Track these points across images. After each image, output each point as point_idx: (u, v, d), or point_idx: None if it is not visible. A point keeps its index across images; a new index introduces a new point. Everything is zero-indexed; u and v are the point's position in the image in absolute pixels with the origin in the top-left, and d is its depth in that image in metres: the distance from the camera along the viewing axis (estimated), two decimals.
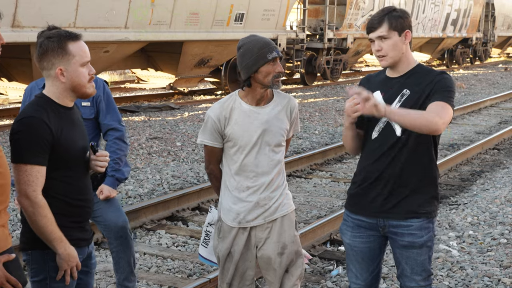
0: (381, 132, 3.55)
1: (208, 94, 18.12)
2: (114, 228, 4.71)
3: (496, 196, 8.08)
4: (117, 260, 4.81)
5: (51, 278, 3.15)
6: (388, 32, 3.46)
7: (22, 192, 3.02)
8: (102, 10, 12.53)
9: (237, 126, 3.74)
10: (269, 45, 3.70)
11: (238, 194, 3.80)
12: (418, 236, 3.56)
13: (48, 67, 3.12)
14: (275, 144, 3.78)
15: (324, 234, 6.79)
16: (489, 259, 5.98)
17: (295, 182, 9.31)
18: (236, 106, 3.77)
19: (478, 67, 31.03)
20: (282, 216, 3.85)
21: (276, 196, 3.83)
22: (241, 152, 3.76)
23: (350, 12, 20.57)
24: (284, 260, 3.82)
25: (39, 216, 3.02)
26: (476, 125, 14.71)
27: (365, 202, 3.63)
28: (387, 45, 3.47)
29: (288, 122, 3.84)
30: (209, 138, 3.80)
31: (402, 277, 3.67)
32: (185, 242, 6.66)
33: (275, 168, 3.81)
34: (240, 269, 3.85)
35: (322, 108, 15.36)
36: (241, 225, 3.81)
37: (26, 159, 3.01)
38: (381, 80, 3.63)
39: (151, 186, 8.44)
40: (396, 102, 3.52)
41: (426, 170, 3.57)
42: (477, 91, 20.97)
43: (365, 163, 3.63)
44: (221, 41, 15.69)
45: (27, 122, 3.04)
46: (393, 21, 3.46)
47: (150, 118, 13.16)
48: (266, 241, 3.82)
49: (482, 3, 30.62)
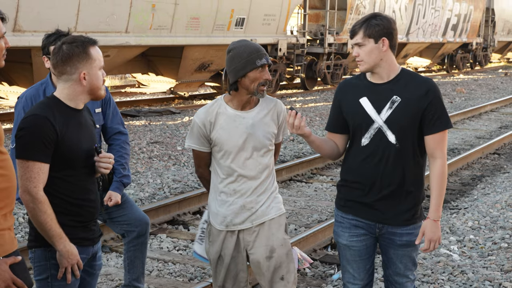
0: (373, 139, 3.61)
1: (209, 99, 18.13)
2: (138, 226, 4.76)
3: (496, 200, 8.08)
4: (132, 259, 4.83)
5: (53, 276, 3.19)
6: (363, 40, 3.56)
7: (23, 187, 3.09)
8: (103, 15, 12.56)
9: (223, 131, 3.76)
10: (259, 51, 3.71)
11: (225, 198, 3.81)
12: (414, 234, 3.68)
13: (72, 72, 3.19)
14: (262, 148, 3.78)
15: (325, 238, 6.79)
16: (490, 263, 5.98)
17: (296, 186, 9.31)
18: (222, 111, 3.78)
19: (478, 72, 31.05)
20: (270, 220, 3.83)
21: (263, 200, 3.81)
22: (227, 156, 3.77)
23: (351, 17, 20.60)
24: (272, 263, 3.79)
25: (39, 211, 3.09)
26: (476, 130, 14.72)
27: (364, 206, 3.69)
28: (363, 51, 3.57)
29: (275, 126, 3.83)
30: (196, 143, 3.83)
31: (394, 276, 3.77)
32: (186, 246, 6.66)
33: (263, 172, 3.80)
34: (232, 272, 3.86)
35: (323, 112, 15.38)
36: (228, 228, 3.82)
37: (29, 155, 3.08)
38: (365, 86, 3.67)
39: (152, 190, 8.44)
40: (387, 109, 3.58)
41: (418, 175, 3.67)
42: (477, 96, 20.99)
43: (360, 169, 3.66)
44: (221, 46, 15.69)
45: (31, 120, 3.11)
46: (369, 29, 3.54)
47: (150, 123, 13.18)
48: (254, 244, 3.81)
49: (482, 8, 30.65)
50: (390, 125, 3.56)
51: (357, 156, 3.66)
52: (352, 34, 3.59)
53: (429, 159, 3.62)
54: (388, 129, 3.56)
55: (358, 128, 3.63)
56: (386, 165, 3.59)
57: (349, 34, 3.64)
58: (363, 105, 3.61)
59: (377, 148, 3.59)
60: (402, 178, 3.61)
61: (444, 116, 3.59)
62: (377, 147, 3.59)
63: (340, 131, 3.75)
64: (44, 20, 11.24)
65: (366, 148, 3.62)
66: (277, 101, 3.89)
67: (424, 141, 3.61)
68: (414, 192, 3.65)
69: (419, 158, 3.65)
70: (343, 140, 3.76)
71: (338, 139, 3.76)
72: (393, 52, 3.61)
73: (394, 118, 3.55)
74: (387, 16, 3.61)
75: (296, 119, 3.53)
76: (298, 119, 3.53)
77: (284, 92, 20.06)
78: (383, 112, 3.57)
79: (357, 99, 3.63)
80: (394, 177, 3.60)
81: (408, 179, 3.62)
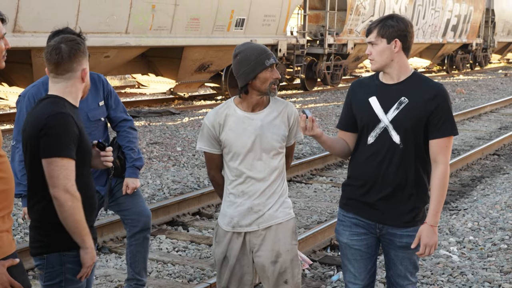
0: (378, 138, 3.63)
1: (208, 99, 18.14)
2: (141, 220, 4.81)
3: (496, 201, 8.08)
4: (134, 253, 4.89)
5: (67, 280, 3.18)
6: (376, 39, 3.60)
7: (61, 186, 3.04)
8: (103, 15, 12.56)
9: (231, 132, 3.76)
10: (266, 51, 3.72)
11: (233, 199, 3.81)
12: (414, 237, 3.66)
13: (76, 69, 3.19)
14: (271, 150, 3.76)
15: (325, 239, 6.79)
16: (490, 265, 5.98)
17: (296, 187, 9.31)
18: (231, 113, 3.79)
19: (478, 72, 31.05)
20: (277, 224, 3.80)
21: (271, 203, 3.79)
22: (236, 158, 3.77)
23: (351, 17, 20.60)
24: (277, 268, 3.78)
25: (78, 209, 3.07)
26: (476, 131, 14.72)
27: (365, 206, 3.70)
28: (375, 50, 3.61)
29: (286, 128, 3.81)
30: (206, 145, 3.85)
31: (395, 277, 3.78)
32: (186, 247, 6.66)
33: (272, 175, 3.78)
34: (238, 274, 3.85)
35: (323, 113, 15.37)
36: (235, 230, 3.81)
37: (64, 153, 3.06)
38: (376, 86, 3.70)
39: (152, 191, 8.44)
40: (394, 109, 3.61)
41: (421, 176, 3.67)
42: (477, 97, 20.99)
43: (362, 168, 3.69)
44: (221, 47, 15.70)
45: (60, 118, 3.09)
46: (383, 29, 3.58)
47: (150, 123, 13.17)
48: (260, 248, 3.80)
49: (482, 9, 30.65)
50: (395, 125, 3.58)
51: (362, 154, 3.69)
52: (368, 32, 3.64)
53: (432, 164, 3.62)
54: (393, 129, 3.59)
55: (365, 127, 3.66)
56: (388, 165, 3.60)
57: (366, 31, 3.70)
58: (371, 104, 3.64)
59: (381, 148, 3.61)
60: (404, 180, 3.62)
61: (450, 122, 3.60)
62: (381, 146, 3.61)
63: (351, 130, 3.76)
64: (44, 20, 11.23)
65: (371, 146, 3.64)
66: (287, 103, 3.87)
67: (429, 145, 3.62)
68: (415, 195, 3.66)
69: (423, 161, 3.65)
70: (353, 138, 3.77)
71: (349, 137, 3.78)
72: (407, 54, 3.64)
73: (400, 118, 3.57)
74: (405, 19, 3.64)
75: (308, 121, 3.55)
76: (310, 121, 3.55)
77: (284, 92, 20.06)
78: (390, 112, 3.60)
79: (366, 98, 3.66)
80: (396, 177, 3.61)
81: (410, 181, 3.63)
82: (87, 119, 4.44)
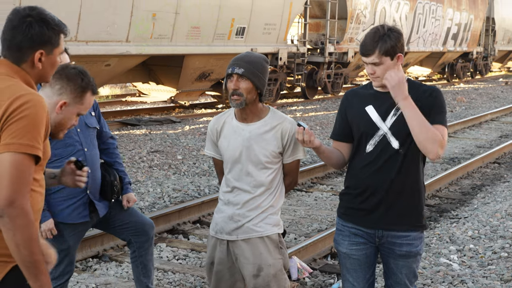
0: (377, 146, 3.63)
1: (209, 108, 18.15)
2: (146, 230, 4.80)
3: (496, 209, 8.08)
4: (145, 264, 4.85)
5: None
6: (380, 59, 3.53)
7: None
8: (103, 24, 12.58)
9: (225, 140, 3.80)
10: (234, 60, 3.69)
11: (220, 206, 3.87)
12: (414, 245, 3.69)
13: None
14: (258, 164, 3.74)
15: (325, 247, 6.79)
16: (490, 273, 5.98)
17: (296, 195, 9.31)
18: (228, 121, 3.82)
19: (479, 81, 31.07)
20: (258, 238, 3.77)
21: (251, 216, 3.77)
22: (226, 166, 3.82)
23: (351, 26, 20.63)
24: (259, 282, 3.75)
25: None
26: (476, 139, 14.72)
27: (364, 213, 3.70)
28: (380, 69, 3.55)
29: (277, 145, 3.75)
30: (209, 149, 3.94)
31: (395, 286, 3.78)
32: (186, 255, 6.66)
33: (258, 188, 3.76)
34: (229, 281, 3.85)
35: (323, 121, 15.38)
36: (217, 236, 3.85)
37: None
38: (371, 94, 3.69)
39: (152, 199, 8.45)
40: (392, 116, 3.61)
41: (419, 182, 3.70)
42: (477, 105, 21.00)
43: (361, 176, 3.68)
44: (222, 55, 15.72)
45: None
46: (385, 48, 3.50)
47: (151, 132, 13.18)
48: (241, 259, 3.80)
49: (482, 17, 30.70)
50: (394, 131, 3.59)
51: (360, 162, 3.68)
52: (366, 53, 3.54)
53: None
54: (392, 135, 3.59)
55: (364, 136, 3.65)
56: (388, 171, 3.61)
57: (361, 50, 3.58)
58: (368, 113, 3.63)
59: (380, 155, 3.61)
60: (403, 185, 3.63)
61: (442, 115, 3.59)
62: (380, 153, 3.61)
63: (346, 140, 3.75)
64: None
65: (369, 154, 3.64)
66: (285, 119, 3.80)
67: None
68: (415, 199, 3.67)
69: (420, 165, 3.68)
70: (348, 148, 3.76)
71: (343, 147, 3.77)
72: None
73: (398, 124, 3.58)
74: (395, 28, 3.58)
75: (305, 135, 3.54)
76: (307, 134, 3.54)
77: (284, 101, 20.08)
78: (388, 119, 3.60)
79: (363, 107, 3.66)
80: (395, 183, 3.61)
81: (409, 186, 3.64)
82: (84, 125, 4.44)
